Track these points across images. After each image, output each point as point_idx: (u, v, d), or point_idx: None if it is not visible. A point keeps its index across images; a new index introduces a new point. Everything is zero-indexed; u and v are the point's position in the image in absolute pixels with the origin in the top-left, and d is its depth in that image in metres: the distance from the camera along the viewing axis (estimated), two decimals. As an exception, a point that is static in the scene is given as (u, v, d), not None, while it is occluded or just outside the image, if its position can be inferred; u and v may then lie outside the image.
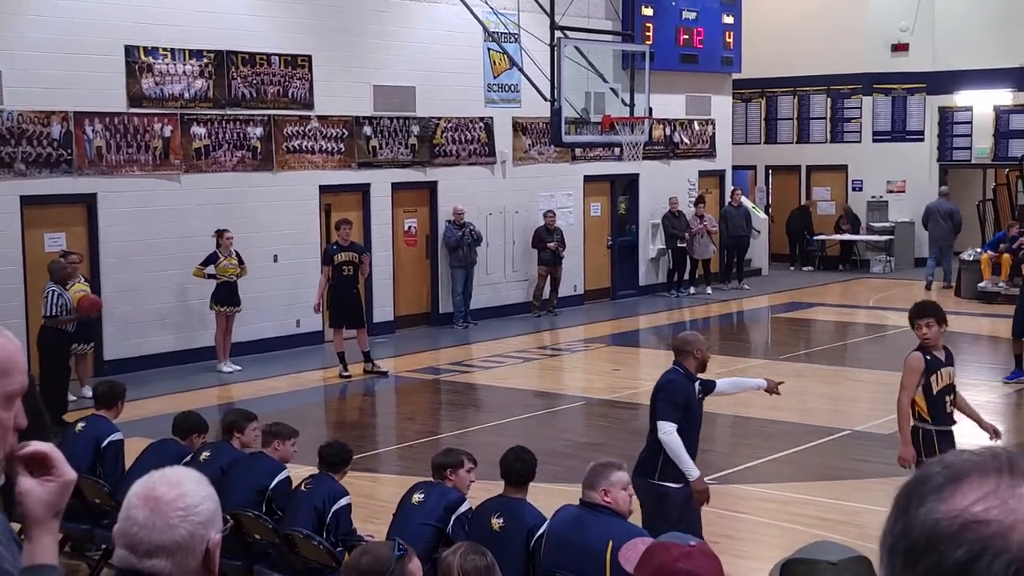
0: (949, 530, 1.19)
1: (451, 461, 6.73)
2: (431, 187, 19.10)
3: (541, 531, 5.88)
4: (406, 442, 12.26)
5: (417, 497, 6.59)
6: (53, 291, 12.78)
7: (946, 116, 26.59)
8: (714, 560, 3.14)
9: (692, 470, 6.97)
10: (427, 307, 19.27)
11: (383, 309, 18.37)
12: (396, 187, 18.53)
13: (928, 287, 22.49)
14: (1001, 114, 26.01)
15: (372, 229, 18.17)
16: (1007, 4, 25.22)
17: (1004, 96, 25.78)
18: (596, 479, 5.60)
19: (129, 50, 15.20)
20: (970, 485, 1.22)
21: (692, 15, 22.62)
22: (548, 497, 7.05)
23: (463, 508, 6.47)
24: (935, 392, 7.72)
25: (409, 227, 19.01)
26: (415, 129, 18.68)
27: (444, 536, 6.31)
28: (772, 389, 8.01)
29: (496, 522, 6.10)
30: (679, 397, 7.00)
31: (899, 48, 26.38)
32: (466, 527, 6.29)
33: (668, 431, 6.92)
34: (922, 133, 26.69)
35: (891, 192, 26.77)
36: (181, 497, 2.25)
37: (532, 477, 6.38)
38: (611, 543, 5.28)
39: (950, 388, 7.80)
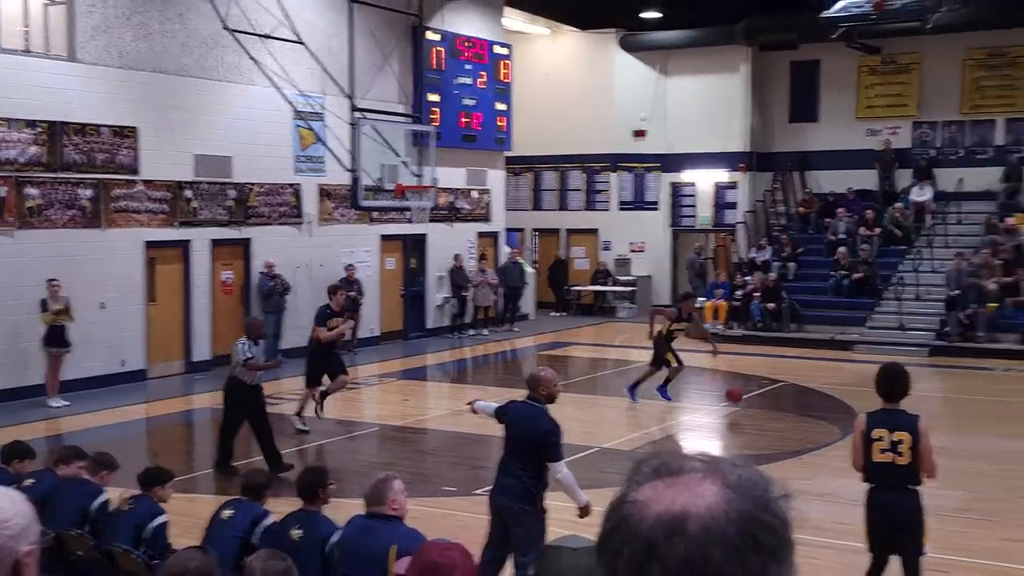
0: (610, 508, 1.21)
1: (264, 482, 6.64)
2: (246, 243, 18.69)
3: (335, 539, 5.80)
4: (221, 466, 11.86)
5: (227, 513, 6.42)
6: None
7: (677, 190, 27.75)
8: (469, 556, 3.21)
9: (583, 496, 6.95)
10: (242, 348, 18.78)
11: (201, 349, 17.81)
12: (215, 243, 18.05)
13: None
14: (719, 189, 27.33)
15: (192, 279, 17.66)
16: (722, 101, 26.62)
17: (721, 174, 27.11)
18: (383, 493, 5.55)
19: (-33, 118, 14.37)
20: (644, 478, 1.21)
21: (471, 102, 22.97)
22: (347, 510, 6.95)
23: (267, 521, 6.33)
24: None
25: (226, 278, 18.53)
26: (232, 193, 18.28)
27: (250, 546, 6.15)
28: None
29: (296, 533, 5.98)
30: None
31: (639, 134, 27.43)
32: (270, 538, 6.15)
33: (566, 470, 6.90)
34: (657, 203, 27.76)
35: (633, 251, 27.69)
36: None
37: (318, 491, 6.19)
38: (395, 547, 5.25)
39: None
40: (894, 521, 6.45)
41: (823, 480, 10.80)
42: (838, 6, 20.01)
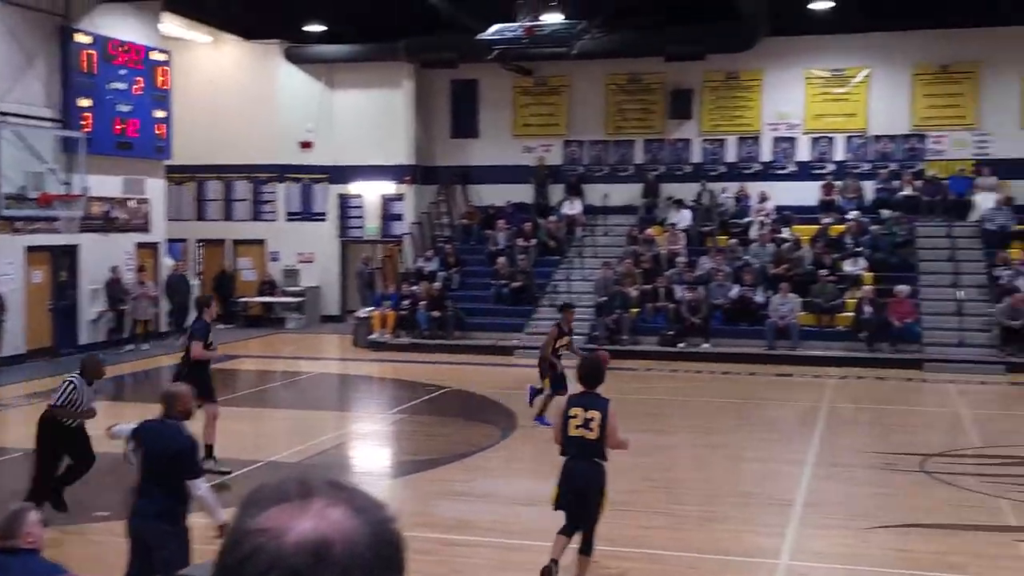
0: (235, 535, 1.19)
1: None
2: None
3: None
4: None
5: None
6: None
7: (345, 201, 27.70)
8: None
9: (222, 514, 6.64)
10: None
11: None
12: None
13: None
14: (386, 201, 27.57)
15: None
16: (387, 115, 26.89)
17: (388, 187, 27.37)
18: (16, 526, 5.05)
19: None
20: (267, 505, 1.21)
21: (127, 108, 21.69)
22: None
23: None
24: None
25: None
26: None
27: None
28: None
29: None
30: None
31: (306, 145, 27.12)
32: None
33: (205, 487, 6.65)
34: (325, 214, 27.59)
35: (302, 262, 27.33)
36: None
37: None
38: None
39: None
40: (579, 488, 7.38)
41: (485, 482, 11.12)
42: (493, 29, 20.78)
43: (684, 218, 24.42)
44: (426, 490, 10.78)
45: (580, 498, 7.42)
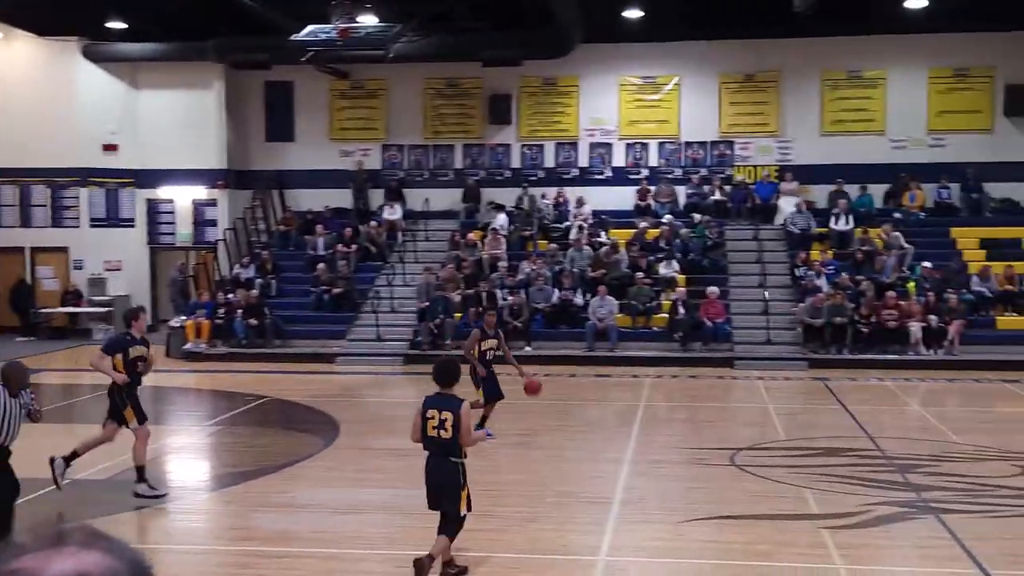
0: None
1: None
2: None
3: None
4: None
5: None
6: None
7: (154, 206, 26.82)
8: None
9: None
10: None
11: None
12: None
13: None
14: (199, 206, 26.84)
15: None
16: (197, 117, 26.20)
17: (200, 191, 26.64)
18: None
19: None
20: (20, 553, 1.26)
21: (-90, 106, 20.36)
22: None
23: None
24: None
25: None
26: None
27: None
28: None
29: None
30: None
31: (109, 148, 26.10)
32: None
33: None
34: (133, 220, 26.61)
35: (109, 270, 26.29)
36: None
37: None
38: None
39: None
40: (437, 483, 7.92)
41: (305, 492, 11.01)
42: (306, 31, 20.56)
43: (504, 222, 24.80)
44: (245, 502, 10.60)
45: (440, 494, 7.91)
